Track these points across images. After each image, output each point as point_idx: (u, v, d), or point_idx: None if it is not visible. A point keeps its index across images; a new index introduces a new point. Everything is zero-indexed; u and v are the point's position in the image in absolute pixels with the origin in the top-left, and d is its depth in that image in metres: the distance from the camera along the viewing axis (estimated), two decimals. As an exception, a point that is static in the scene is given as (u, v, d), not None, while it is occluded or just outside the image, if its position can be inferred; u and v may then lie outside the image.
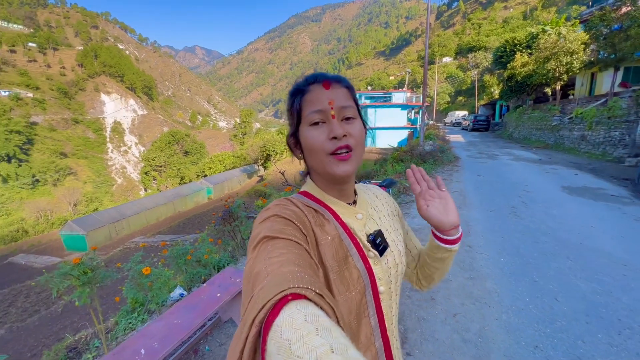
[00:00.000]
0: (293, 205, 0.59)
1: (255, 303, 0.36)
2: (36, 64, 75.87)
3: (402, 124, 27.56)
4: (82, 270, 1.67)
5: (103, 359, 1.48)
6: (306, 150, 0.61)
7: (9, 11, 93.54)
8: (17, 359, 6.15)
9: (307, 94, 0.60)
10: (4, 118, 49.34)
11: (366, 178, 8.53)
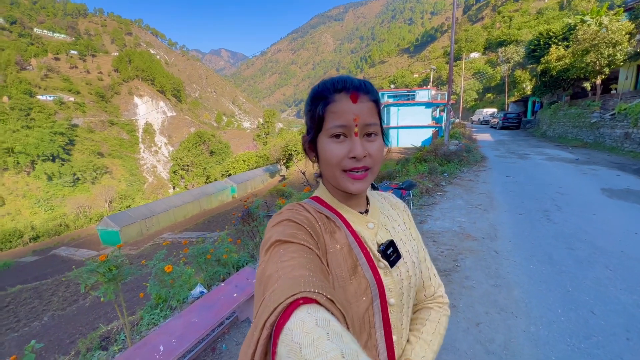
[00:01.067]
0: (305, 210, 0.59)
1: (266, 306, 0.36)
2: (77, 70, 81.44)
3: (426, 122, 26.83)
4: (108, 267, 1.76)
5: (125, 353, 1.55)
6: (322, 161, 0.60)
7: (54, 22, 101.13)
8: (57, 344, 6.61)
9: (332, 104, 0.56)
10: (49, 121, 53.51)
11: (388, 178, 8.37)
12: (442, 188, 6.84)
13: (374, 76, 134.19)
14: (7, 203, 42.29)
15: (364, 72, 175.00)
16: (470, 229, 4.43)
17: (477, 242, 3.98)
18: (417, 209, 5.52)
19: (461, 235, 4.22)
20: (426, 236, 4.23)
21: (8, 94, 56.97)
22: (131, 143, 68.80)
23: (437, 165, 8.35)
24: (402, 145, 25.50)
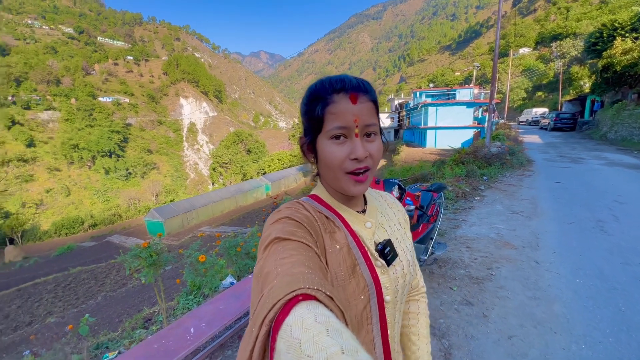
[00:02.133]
0: (304, 209, 0.59)
1: (265, 302, 0.36)
2: (132, 74, 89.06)
3: (467, 123, 25.50)
4: (149, 253, 1.95)
5: (161, 332, 1.71)
6: (322, 163, 0.59)
7: (115, 30, 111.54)
8: (108, 322, 7.32)
9: (332, 105, 0.55)
10: (107, 120, 59.20)
11: (422, 180, 8.11)
12: (480, 192, 6.48)
13: (412, 75, 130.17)
14: (72, 193, 47.53)
15: (401, 70, 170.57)
16: (509, 237, 4.16)
17: (516, 251, 3.73)
18: (452, 213, 5.29)
19: (498, 243, 3.98)
20: (459, 242, 4.05)
21: (75, 96, 64.02)
22: (176, 141, 73.78)
23: (476, 168, 7.92)
24: (439, 147, 24.50)
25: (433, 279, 3.07)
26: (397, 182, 2.18)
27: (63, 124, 57.75)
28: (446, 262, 3.42)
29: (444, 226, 4.65)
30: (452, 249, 3.80)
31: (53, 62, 72.12)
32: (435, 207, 2.89)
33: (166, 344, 1.54)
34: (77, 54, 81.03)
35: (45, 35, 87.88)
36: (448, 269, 3.28)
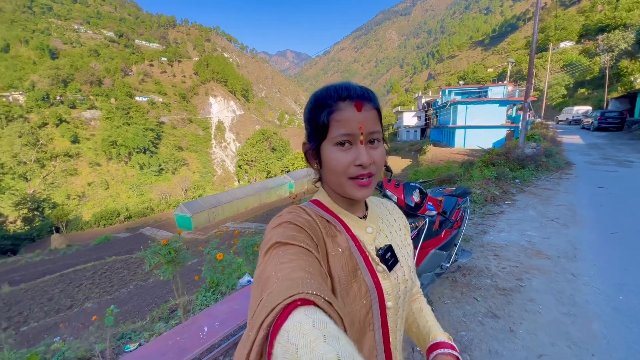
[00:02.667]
0: (306, 213, 0.59)
1: (263, 307, 0.36)
2: (165, 74, 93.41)
3: (499, 122, 24.25)
4: (168, 250, 2.01)
5: (176, 329, 1.75)
6: (327, 168, 0.59)
7: (150, 33, 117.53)
8: (138, 310, 7.74)
9: (337, 113, 0.57)
10: (142, 119, 62.58)
11: (448, 182, 7.80)
12: (511, 196, 6.12)
13: (441, 72, 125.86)
14: (110, 187, 50.82)
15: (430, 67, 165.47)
16: (542, 246, 3.87)
17: (550, 262, 3.46)
18: (479, 218, 5.03)
19: (529, 252, 3.72)
20: (487, 249, 3.83)
21: (115, 96, 68.22)
22: (205, 139, 76.57)
23: (508, 170, 7.48)
24: (468, 147, 23.52)
25: (456, 288, 2.92)
26: (418, 186, 2.09)
27: (103, 121, 61.80)
28: (471, 271, 3.24)
29: (470, 231, 4.43)
30: (478, 257, 3.60)
31: (96, 64, 77.36)
32: (460, 212, 2.74)
33: (180, 341, 1.57)
34: (117, 56, 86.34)
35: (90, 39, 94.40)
36: (473, 277, 3.11)
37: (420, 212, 2.04)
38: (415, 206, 2.01)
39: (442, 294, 2.84)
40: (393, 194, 2.04)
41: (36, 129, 51.99)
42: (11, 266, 18.64)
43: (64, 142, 54.50)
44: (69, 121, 58.48)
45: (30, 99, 58.86)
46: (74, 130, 56.74)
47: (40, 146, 49.42)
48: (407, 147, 37.29)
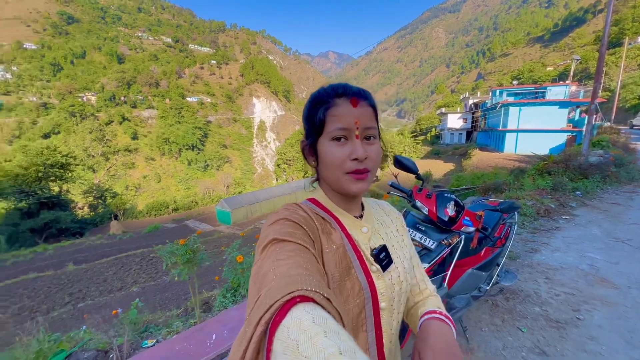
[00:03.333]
0: (302, 210, 0.60)
1: (262, 303, 0.36)
2: (214, 76, 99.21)
3: (558, 125, 21.89)
4: (186, 250, 2.00)
5: (185, 333, 1.72)
6: (323, 163, 0.60)
7: (202, 38, 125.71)
8: (175, 299, 8.20)
9: (333, 108, 0.58)
10: (192, 118, 67.16)
11: (494, 191, 7.12)
12: (570, 210, 5.38)
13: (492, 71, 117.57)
14: (162, 180, 55.25)
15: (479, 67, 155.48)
16: (608, 271, 3.30)
17: (617, 292, 2.92)
18: (529, 233, 4.48)
19: (591, 278, 3.18)
20: (537, 270, 3.36)
21: (169, 96, 74.06)
22: (247, 138, 79.98)
23: (567, 180, 6.62)
24: (520, 152, 21.57)
25: (496, 314, 2.57)
26: (454, 198, 1.83)
27: (159, 120, 67.41)
28: (516, 295, 2.85)
29: (517, 248, 3.94)
30: (526, 278, 3.17)
31: (154, 68, 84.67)
32: (505, 229, 2.40)
33: (187, 347, 1.52)
34: (173, 60, 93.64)
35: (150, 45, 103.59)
36: (518, 303, 2.73)
37: (455, 228, 1.79)
38: (450, 220, 1.77)
39: (479, 319, 2.52)
40: (424, 205, 1.82)
41: (103, 126, 58.38)
42: (77, 247, 21.00)
43: (125, 138, 60.47)
44: (130, 119, 64.74)
45: (100, 100, 66.23)
46: (134, 128, 62.71)
47: (105, 141, 55.40)
48: (451, 150, 35.34)
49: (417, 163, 11.97)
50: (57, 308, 9.76)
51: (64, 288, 11.64)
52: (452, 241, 1.80)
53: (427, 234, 1.80)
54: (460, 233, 1.83)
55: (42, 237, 26.04)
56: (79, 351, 1.80)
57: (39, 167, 29.19)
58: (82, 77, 73.17)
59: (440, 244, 1.78)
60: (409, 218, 1.95)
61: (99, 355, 1.80)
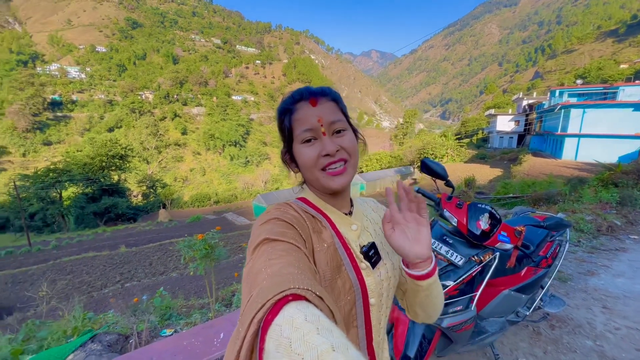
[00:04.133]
0: (293, 210, 0.60)
1: (254, 302, 0.36)
2: (258, 76, 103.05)
3: (632, 130, 19.22)
4: (204, 245, 2.02)
5: (194, 329, 1.73)
6: (301, 166, 0.62)
7: (249, 39, 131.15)
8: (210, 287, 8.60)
9: (295, 113, 0.60)
10: (236, 115, 70.41)
11: (546, 201, 6.40)
12: (638, 229, 4.64)
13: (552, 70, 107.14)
14: (206, 174, 58.76)
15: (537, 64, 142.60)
16: (688, 307, 2.75)
17: (699, 333, 2.42)
18: (586, 253, 3.93)
19: (664, 312, 2.68)
20: (592, 296, 2.92)
21: (216, 95, 78.45)
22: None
23: (638, 193, 5.74)
24: (582, 160, 19.35)
25: (538, 343, 2.26)
26: (489, 209, 1.61)
27: (206, 117, 71.77)
28: (564, 323, 2.48)
29: (570, 269, 3.47)
30: (578, 305, 2.76)
31: (204, 68, 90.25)
32: (552, 248, 2.09)
33: (194, 344, 1.52)
34: (221, 60, 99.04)
35: (202, 46, 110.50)
36: (565, 333, 2.37)
37: (488, 243, 1.58)
38: (482, 235, 1.56)
39: (515, 346, 2.23)
40: (453, 215, 1.62)
41: (158, 122, 63.62)
42: (130, 231, 23.11)
43: (176, 133, 65.30)
44: (181, 116, 69.76)
45: (156, 97, 72.22)
46: (184, 124, 67.47)
47: (159, 136, 60.31)
48: (499, 155, 32.83)
49: (460, 167, 11.15)
50: (109, 285, 10.79)
51: (116, 267, 12.82)
52: (484, 258, 1.59)
53: (454, 248, 1.61)
54: (495, 249, 1.62)
55: (102, 220, 29.08)
56: (102, 333, 1.91)
57: (103, 158, 32.66)
58: (142, 77, 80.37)
59: (470, 260, 1.58)
60: (435, 229, 1.76)
61: (119, 339, 1.89)
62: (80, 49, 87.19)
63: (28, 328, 2.26)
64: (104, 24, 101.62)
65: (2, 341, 2.10)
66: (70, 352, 1.73)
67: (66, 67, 77.91)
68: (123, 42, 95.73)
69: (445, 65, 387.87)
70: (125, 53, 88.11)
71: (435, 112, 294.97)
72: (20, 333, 2.19)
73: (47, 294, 2.83)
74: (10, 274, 11.77)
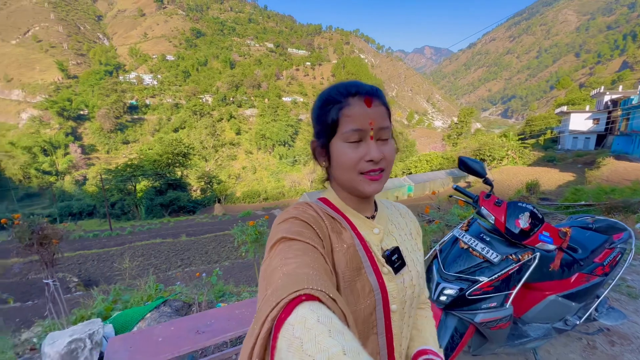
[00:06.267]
0: (312, 210, 0.59)
1: (268, 301, 0.36)
2: (308, 77, 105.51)
3: None
4: (254, 231, 2.28)
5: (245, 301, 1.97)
6: (337, 164, 0.59)
7: (300, 41, 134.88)
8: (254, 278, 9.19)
9: (347, 108, 0.56)
10: (286, 116, 73.07)
11: (623, 211, 5.63)
12: None
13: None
14: (257, 172, 62.07)
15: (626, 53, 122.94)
16: None
17: None
18: (670, 269, 3.43)
19: None
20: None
21: (268, 97, 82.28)
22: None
23: None
24: (681, 165, 16.36)
25: (591, 357, 2.09)
26: (531, 209, 1.58)
27: (258, 118, 75.71)
28: (627, 340, 2.25)
29: (636, 281, 3.08)
30: (649, 324, 2.46)
31: (258, 71, 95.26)
32: (611, 255, 1.93)
33: (244, 313, 1.74)
34: (273, 63, 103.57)
35: (256, 51, 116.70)
36: (628, 351, 2.15)
37: (527, 242, 1.55)
38: (521, 233, 1.54)
39: (564, 358, 2.10)
40: (490, 213, 1.62)
41: (215, 123, 68.99)
42: (189, 222, 25.49)
43: (231, 133, 70.12)
44: (236, 117, 74.66)
45: (215, 100, 78.32)
46: (238, 125, 72.12)
47: (216, 136, 65.37)
48: (571, 157, 29.20)
49: (522, 171, 10.47)
50: (172, 269, 12.12)
51: (178, 254, 14.31)
52: (523, 257, 1.56)
53: (491, 245, 1.61)
54: (536, 249, 1.58)
55: (167, 211, 32.53)
56: (171, 300, 2.28)
57: (169, 155, 36.52)
58: (203, 82, 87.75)
59: (507, 258, 1.57)
60: (473, 227, 1.76)
61: (184, 305, 2.24)
62: (154, 58, 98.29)
63: (115, 292, 2.77)
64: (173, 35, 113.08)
65: (98, 300, 2.61)
66: (148, 312, 2.11)
67: (142, 75, 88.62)
68: (188, 51, 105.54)
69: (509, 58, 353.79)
70: (189, 60, 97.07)
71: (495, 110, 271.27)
72: (110, 295, 2.70)
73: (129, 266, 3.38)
74: (96, 253, 13.84)
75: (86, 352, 1.70)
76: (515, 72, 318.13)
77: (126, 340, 1.55)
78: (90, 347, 1.72)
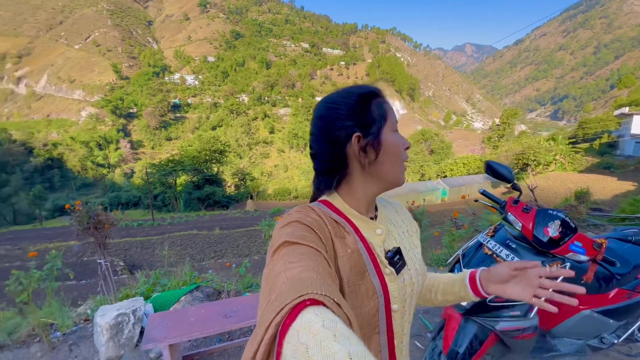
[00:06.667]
0: (315, 213, 0.58)
1: (272, 306, 0.36)
2: (342, 77, 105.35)
3: None
4: (280, 226, 2.39)
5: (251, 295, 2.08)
6: (390, 155, 0.59)
7: (335, 41, 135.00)
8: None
9: (385, 103, 0.62)
10: (317, 116, 73.95)
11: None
12: None
13: None
14: (288, 170, 63.30)
15: None
16: None
17: None
18: None
19: None
20: None
21: (302, 96, 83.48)
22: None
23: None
24: None
25: (633, 381, 1.94)
26: (562, 217, 1.52)
27: (291, 117, 77.14)
28: (678, 367, 2.04)
29: None
30: None
31: (293, 71, 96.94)
32: (660, 271, 1.77)
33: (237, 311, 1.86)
34: (308, 63, 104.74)
35: (292, 51, 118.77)
36: (678, 379, 1.96)
37: (557, 252, 1.49)
38: (550, 242, 1.48)
39: (600, 378, 1.96)
40: (517, 219, 1.57)
41: (250, 122, 71.44)
42: (223, 217, 26.71)
43: (264, 132, 72.18)
44: (270, 116, 76.68)
45: (251, 100, 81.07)
46: (272, 124, 74.03)
47: (251, 134, 67.70)
48: (633, 164, 26.31)
49: (572, 178, 9.78)
50: (206, 259, 12.82)
51: (212, 245, 15.08)
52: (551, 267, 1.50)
53: (517, 252, 1.56)
54: (565, 260, 1.51)
55: (203, 205, 34.34)
56: (203, 286, 2.48)
57: (207, 152, 38.54)
58: (240, 82, 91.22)
59: (534, 267, 1.52)
60: (500, 233, 1.72)
61: (214, 292, 2.43)
62: (196, 60, 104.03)
63: (155, 276, 3.04)
64: (214, 37, 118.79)
65: (140, 282, 2.89)
66: (182, 295, 2.32)
67: (185, 76, 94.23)
68: (227, 52, 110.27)
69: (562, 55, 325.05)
70: (228, 61, 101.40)
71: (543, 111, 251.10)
72: (151, 278, 2.98)
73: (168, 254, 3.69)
74: (140, 241, 15.02)
75: (130, 325, 1.92)
76: (569, 70, 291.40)
77: (163, 318, 1.74)
78: (133, 322, 1.94)
